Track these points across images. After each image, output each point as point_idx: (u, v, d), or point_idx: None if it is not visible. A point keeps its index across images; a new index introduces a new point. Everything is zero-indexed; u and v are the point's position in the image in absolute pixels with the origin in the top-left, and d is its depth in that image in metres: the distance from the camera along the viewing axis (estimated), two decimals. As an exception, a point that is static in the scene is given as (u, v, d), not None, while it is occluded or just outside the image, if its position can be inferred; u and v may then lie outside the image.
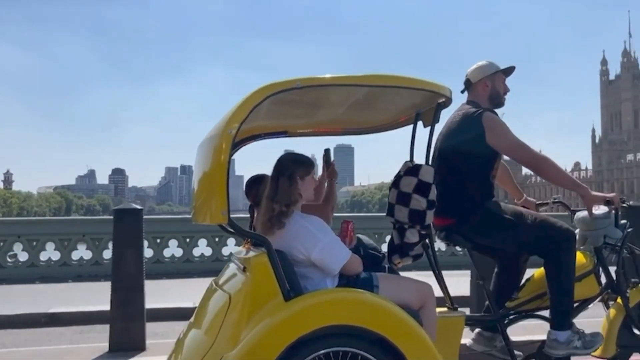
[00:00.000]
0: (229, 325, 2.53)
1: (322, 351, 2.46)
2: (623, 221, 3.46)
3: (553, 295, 3.24)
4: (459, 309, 3.19)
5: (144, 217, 5.07)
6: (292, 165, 2.80)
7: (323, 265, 2.68)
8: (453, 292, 3.15)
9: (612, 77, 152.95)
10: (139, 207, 5.18)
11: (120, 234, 4.85)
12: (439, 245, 8.84)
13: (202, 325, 2.87)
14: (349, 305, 2.55)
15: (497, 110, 3.45)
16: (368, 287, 2.72)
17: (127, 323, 4.69)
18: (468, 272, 5.54)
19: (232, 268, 3.05)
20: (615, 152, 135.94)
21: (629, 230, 3.46)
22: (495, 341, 3.45)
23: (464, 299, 4.85)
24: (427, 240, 3.19)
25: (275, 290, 2.53)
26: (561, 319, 3.19)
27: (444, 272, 3.16)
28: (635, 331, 3.48)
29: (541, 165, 3.29)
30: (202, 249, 10.47)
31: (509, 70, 3.51)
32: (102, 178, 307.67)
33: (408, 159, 3.46)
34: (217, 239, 10.28)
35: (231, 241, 10.18)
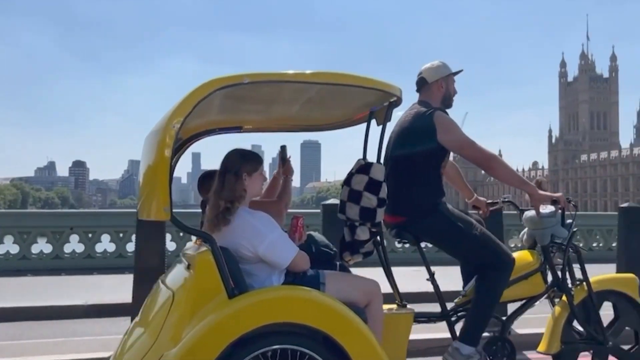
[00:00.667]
0: (171, 323, 2.48)
1: (265, 349, 2.43)
2: (569, 221, 3.53)
3: (473, 311, 3.30)
4: (409, 306, 3.21)
5: (105, 210, 4.99)
6: (238, 162, 2.77)
7: (270, 262, 2.65)
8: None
9: (570, 79, 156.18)
10: None
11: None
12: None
13: (145, 323, 2.80)
14: (292, 303, 2.53)
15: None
16: (314, 284, 2.70)
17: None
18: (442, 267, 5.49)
19: (178, 265, 2.99)
20: (571, 152, 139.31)
21: (575, 230, 3.54)
22: None
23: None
24: (377, 238, 3.20)
25: (219, 287, 2.49)
26: (472, 335, 3.25)
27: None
28: (579, 328, 3.56)
29: (491, 163, 3.33)
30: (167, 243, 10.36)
31: (458, 73, 3.56)
32: (63, 170, 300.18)
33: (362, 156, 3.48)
34: (181, 234, 10.08)
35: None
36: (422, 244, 3.47)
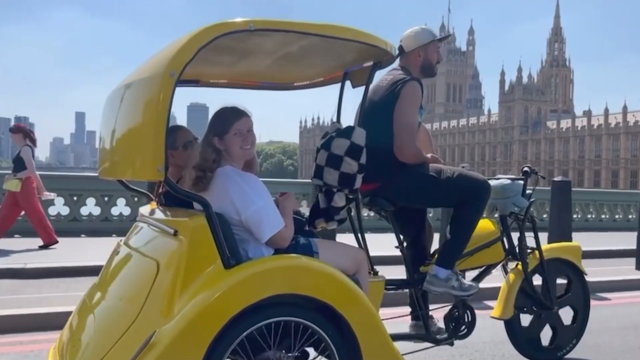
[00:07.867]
0: (159, 295, 2.21)
1: (264, 322, 2.26)
2: (528, 191, 3.63)
3: (452, 235, 3.29)
4: (379, 274, 3.15)
5: None
6: (208, 127, 2.56)
7: (252, 230, 2.43)
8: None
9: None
10: None
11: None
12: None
13: (118, 294, 2.49)
14: (296, 273, 2.36)
15: None
16: (308, 253, 2.54)
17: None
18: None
19: (147, 230, 2.69)
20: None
21: (532, 200, 3.65)
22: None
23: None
24: (350, 206, 3.09)
25: (214, 256, 2.26)
26: (448, 258, 3.27)
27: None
28: (531, 294, 3.71)
29: (402, 150, 3.21)
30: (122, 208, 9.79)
31: (443, 39, 3.45)
32: None
33: (335, 119, 3.33)
34: (135, 199, 9.45)
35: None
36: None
